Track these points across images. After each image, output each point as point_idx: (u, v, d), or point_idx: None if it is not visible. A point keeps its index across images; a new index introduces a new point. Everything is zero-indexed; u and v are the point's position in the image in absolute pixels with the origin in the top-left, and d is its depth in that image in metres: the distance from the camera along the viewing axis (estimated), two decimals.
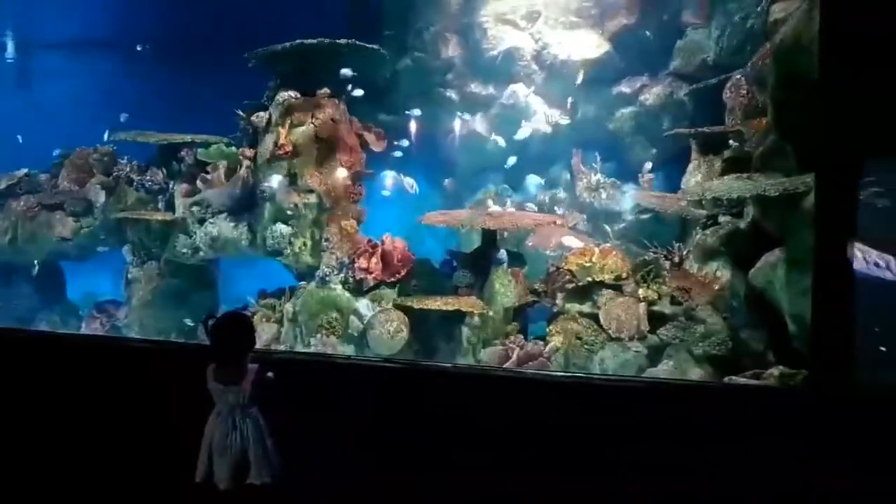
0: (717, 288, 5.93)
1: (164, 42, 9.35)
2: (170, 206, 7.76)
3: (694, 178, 7.09)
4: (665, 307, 5.98)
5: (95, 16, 9.64)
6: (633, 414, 4.09)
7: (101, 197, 8.09)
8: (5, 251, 8.33)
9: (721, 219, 6.46)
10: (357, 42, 7.39)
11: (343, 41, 7.20)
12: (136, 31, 9.61)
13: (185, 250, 7.48)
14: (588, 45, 8.53)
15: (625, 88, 8.62)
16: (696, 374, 5.56)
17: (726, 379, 5.17)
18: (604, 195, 8.32)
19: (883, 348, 3.69)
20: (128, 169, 8.14)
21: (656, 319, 5.94)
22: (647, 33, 8.40)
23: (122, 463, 4.48)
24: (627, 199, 8.21)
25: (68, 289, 8.99)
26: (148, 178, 8.01)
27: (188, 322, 7.28)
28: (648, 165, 8.17)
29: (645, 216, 8.05)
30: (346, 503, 4.12)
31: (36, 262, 8.07)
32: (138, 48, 9.39)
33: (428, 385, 4.69)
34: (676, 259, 6.26)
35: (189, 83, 8.74)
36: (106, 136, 8.35)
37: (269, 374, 3.57)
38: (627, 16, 8.47)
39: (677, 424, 3.93)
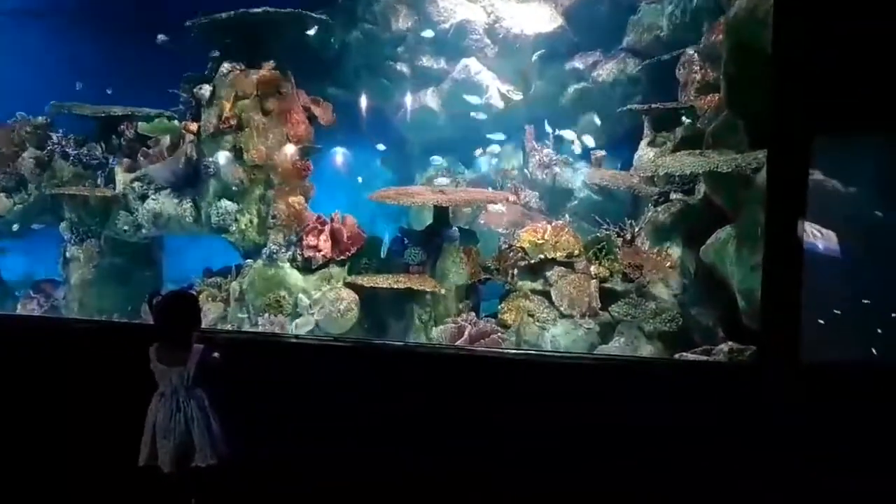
0: (668, 265, 6.00)
1: (100, 10, 8.86)
2: (109, 182, 7.41)
3: (646, 154, 7.14)
4: (617, 284, 6.02)
5: None
6: (584, 390, 4.13)
7: (34, 172, 7.67)
8: None
9: (673, 196, 6.54)
10: (303, 11, 7.13)
11: (289, 10, 6.93)
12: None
13: (126, 228, 7.16)
14: (541, 19, 8.44)
15: (578, 64, 8.59)
16: (647, 350, 5.63)
17: (677, 355, 5.27)
18: (556, 172, 8.32)
19: (822, 321, 3.76)
20: (63, 143, 7.73)
21: (608, 296, 5.99)
22: (601, 8, 8.34)
23: (63, 446, 4.32)
24: (579, 175, 8.24)
25: (1, 268, 8.56)
26: (85, 152, 7.62)
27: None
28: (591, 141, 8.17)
29: (597, 193, 8.11)
30: (294, 484, 4.05)
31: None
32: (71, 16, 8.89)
33: (379, 363, 4.64)
34: (628, 236, 6.31)
35: (129, 53, 8.30)
36: (24, 113, 7.91)
37: (215, 354, 3.47)
38: None
39: (628, 400, 3.97)
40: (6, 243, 8.11)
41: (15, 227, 7.70)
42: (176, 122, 7.15)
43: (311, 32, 7.50)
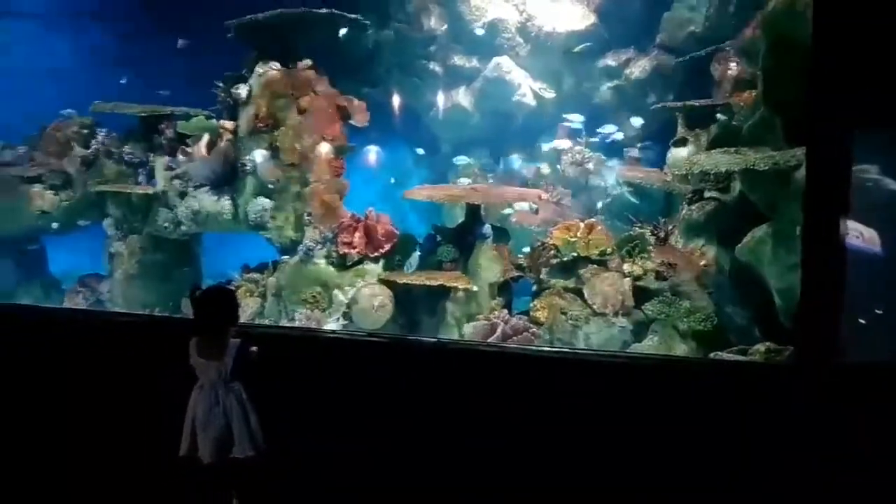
0: (703, 263, 5.94)
1: (144, 12, 9.10)
2: (151, 179, 7.60)
3: (680, 152, 7.07)
4: (650, 282, 5.98)
5: None
6: (617, 389, 4.11)
7: (80, 170, 7.92)
8: None
9: (707, 194, 6.46)
10: (338, 12, 7.22)
11: (324, 11, 7.03)
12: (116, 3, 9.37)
13: (166, 224, 7.35)
14: (573, 17, 8.44)
15: (610, 61, 8.55)
16: (681, 349, 5.59)
17: (712, 355, 5.21)
18: (589, 169, 8.29)
19: (863, 321, 3.70)
20: (107, 141, 7.96)
21: (641, 295, 5.95)
22: (634, 5, 8.29)
23: (106, 437, 4.45)
24: (612, 173, 8.19)
25: (50, 263, 8.86)
26: (128, 150, 7.84)
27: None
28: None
29: (630, 191, 8.05)
30: (328, 476, 4.12)
31: None
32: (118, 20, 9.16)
33: (412, 360, 4.68)
34: (662, 234, 6.26)
35: (169, 55, 8.51)
36: (73, 111, 8.15)
37: (253, 348, 3.54)
38: None
39: (662, 399, 3.94)
40: (52, 239, 8.40)
41: (55, 225, 7.96)
42: (214, 121, 7.31)
43: (344, 32, 7.57)
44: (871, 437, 3.33)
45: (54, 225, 7.95)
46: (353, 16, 7.45)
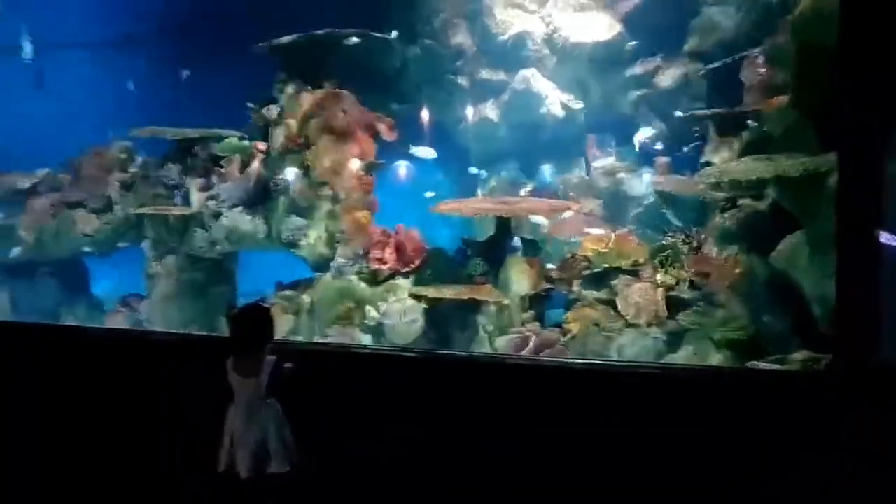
0: (737, 272, 5.85)
1: (175, 39, 9.39)
2: (186, 201, 7.81)
3: (712, 159, 7.01)
4: (684, 292, 5.91)
5: (108, 16, 9.72)
6: (652, 400, 4.07)
7: (120, 193, 8.18)
8: (31, 248, 8.48)
9: (740, 201, 6.38)
10: (365, 32, 7.36)
11: (351, 31, 7.18)
12: (147, 29, 9.67)
13: (202, 244, 7.54)
14: (600, 27, 8.43)
15: (638, 70, 8.50)
16: (716, 359, 5.50)
17: (748, 364, 5.13)
18: (618, 179, 8.24)
19: None
20: (145, 165, 8.22)
21: (675, 305, 5.87)
22: (660, 13, 8.24)
23: (147, 454, 4.56)
24: (643, 183, 8.13)
25: (92, 284, 9.14)
26: (164, 173, 8.07)
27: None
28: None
29: (662, 200, 7.97)
30: (363, 492, 4.15)
31: None
32: (150, 46, 9.48)
33: (444, 373, 4.71)
34: (695, 243, 6.20)
35: (201, 78, 8.77)
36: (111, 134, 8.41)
37: (288, 365, 3.61)
38: None
39: (698, 410, 3.90)
40: (95, 261, 8.67)
41: (87, 248, 8.22)
42: (246, 142, 7.50)
43: (355, 41, 7.69)
44: None
45: (87, 249, 8.21)
46: (379, 35, 7.58)
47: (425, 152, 8.29)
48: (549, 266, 6.49)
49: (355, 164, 6.96)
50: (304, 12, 7.63)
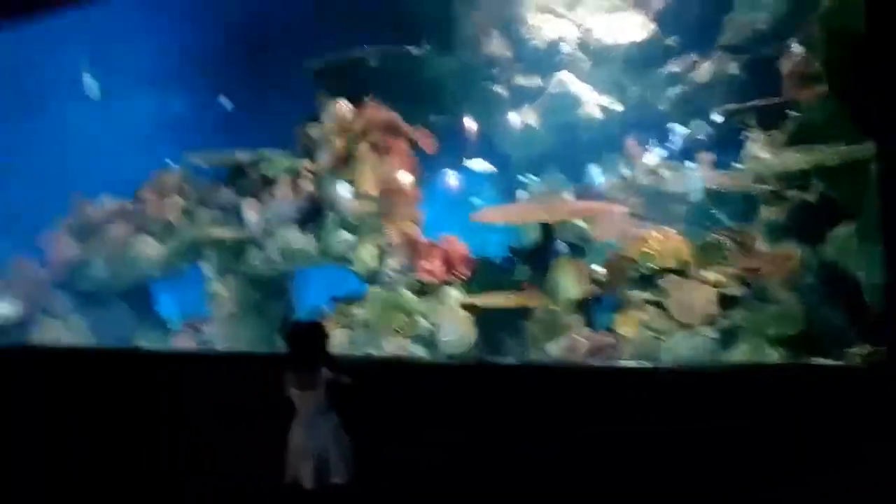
0: (788, 266, 5.78)
1: (227, 65, 9.77)
2: (241, 222, 8.12)
3: (756, 153, 6.93)
4: (734, 289, 5.86)
5: (168, 47, 10.18)
6: (708, 400, 4.08)
7: (180, 217, 8.58)
8: (102, 276, 8.97)
9: (787, 193, 6.30)
10: (398, 47, 7.56)
11: (385, 48, 7.39)
12: (203, 58, 10.08)
13: (258, 263, 7.84)
14: (633, 27, 8.42)
15: (674, 67, 8.44)
16: (772, 356, 5.44)
17: (805, 360, 5.08)
18: (661, 177, 8.19)
19: None
20: (200, 189, 8.59)
21: (726, 302, 5.83)
22: (694, 9, 8.19)
23: (215, 467, 4.80)
24: (687, 179, 8.06)
25: (159, 307, 9.58)
26: (219, 196, 8.42)
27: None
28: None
29: (707, 196, 7.90)
30: (421, 499, 4.28)
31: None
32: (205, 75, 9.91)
33: (497, 381, 4.81)
34: (742, 239, 6.15)
35: (251, 101, 9.11)
36: (171, 162, 8.81)
37: (344, 377, 3.76)
38: None
39: (756, 408, 3.90)
40: (160, 284, 9.10)
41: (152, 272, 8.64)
42: (294, 161, 7.77)
43: (402, 62, 7.90)
44: None
45: (156, 272, 8.63)
46: (413, 49, 7.76)
47: (480, 165, 8.39)
48: (596, 269, 6.52)
49: (399, 178, 7.13)
50: (340, 31, 7.89)
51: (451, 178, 9.41)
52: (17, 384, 6.13)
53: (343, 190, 7.14)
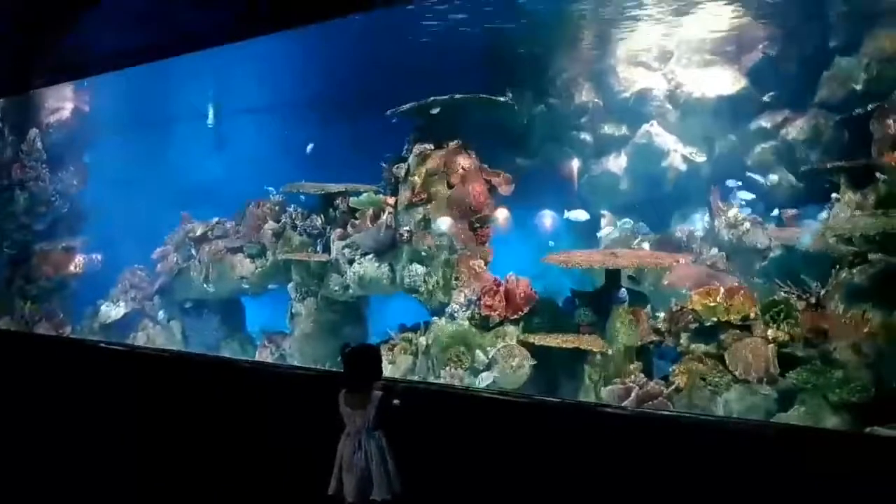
0: (864, 331, 5.56)
1: (323, 105, 10.59)
2: (326, 249, 8.70)
3: (842, 213, 6.72)
4: (798, 349, 5.72)
5: (273, 85, 11.20)
6: (759, 459, 4.01)
7: (271, 240, 9.30)
8: (199, 288, 9.85)
9: (871, 256, 6.07)
10: (486, 96, 7.93)
11: (472, 96, 7.78)
12: (302, 97, 10.99)
13: (337, 288, 8.34)
14: (724, 82, 8.39)
15: (764, 123, 8.32)
16: (831, 422, 5.24)
17: (868, 429, 4.87)
18: (743, 232, 8.05)
19: None
20: (294, 216, 9.27)
21: (788, 362, 5.69)
22: (789, 65, 8.08)
23: (273, 472, 5.14)
24: (767, 235, 7.88)
25: (246, 321, 10.34)
26: (309, 223, 9.06)
27: None
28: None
29: (789, 254, 7.68)
30: None
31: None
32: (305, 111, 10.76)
33: (546, 418, 4.90)
34: (816, 299, 5.97)
35: (344, 138, 9.81)
36: (273, 189, 9.58)
37: (395, 401, 3.96)
38: (767, 49, 8.22)
39: (810, 473, 3.81)
40: (249, 301, 9.84)
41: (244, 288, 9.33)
42: (380, 195, 8.27)
43: (490, 108, 8.24)
44: None
45: (249, 288, 9.36)
46: (500, 98, 8.11)
47: (578, 215, 8.72)
48: (657, 317, 6.52)
49: (473, 217, 7.44)
50: (435, 77, 8.39)
51: (547, 219, 9.65)
52: (116, 378, 6.82)
53: (447, 223, 7.47)
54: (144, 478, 5.51)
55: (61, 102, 11.42)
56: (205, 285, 9.68)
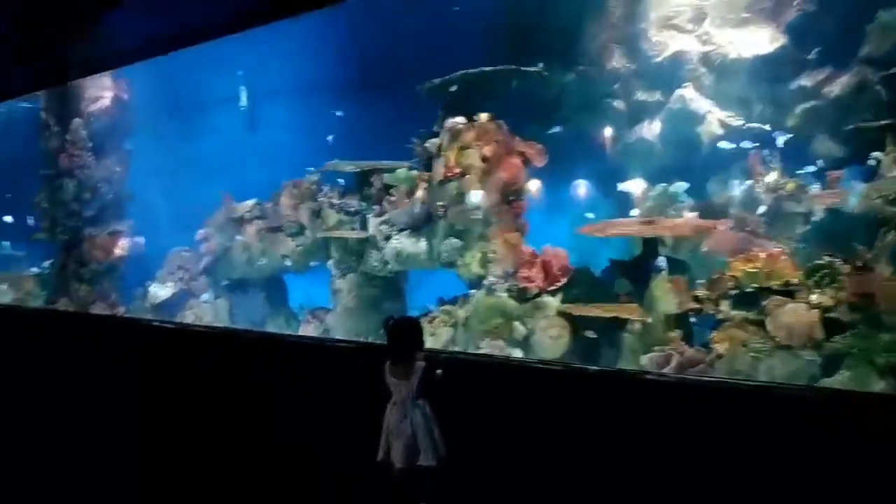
0: None
1: (355, 83, 10.64)
2: (363, 226, 8.83)
3: (889, 173, 6.55)
4: (843, 314, 5.63)
5: (305, 66, 11.27)
6: (803, 425, 4.01)
7: (310, 219, 9.48)
8: (243, 266, 10.12)
9: None
10: (515, 67, 7.88)
11: (501, 68, 7.74)
12: (335, 77, 11.05)
13: (376, 264, 8.49)
14: (761, 41, 8.15)
15: (805, 82, 8.06)
16: (878, 386, 5.19)
17: None
18: (784, 196, 7.89)
19: None
20: (330, 195, 9.42)
21: (833, 327, 5.62)
22: (829, 21, 7.80)
23: (325, 441, 5.32)
24: (809, 198, 7.72)
25: (290, 297, 10.60)
26: (346, 201, 9.20)
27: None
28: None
29: (829, 216, 7.52)
30: (500, 490, 4.52)
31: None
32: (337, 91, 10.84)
33: (585, 387, 4.96)
34: (861, 262, 5.87)
35: (377, 116, 9.87)
36: (313, 169, 9.71)
37: (438, 371, 4.08)
38: (806, 4, 7.96)
39: (856, 438, 3.79)
40: (291, 278, 10.04)
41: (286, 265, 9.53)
42: (414, 172, 8.34)
43: (520, 79, 8.19)
44: None
45: (289, 266, 9.58)
46: (531, 68, 8.05)
47: (632, 186, 8.66)
48: (697, 285, 6.48)
49: (506, 190, 7.45)
50: (462, 50, 8.37)
51: (581, 189, 9.61)
52: (166, 354, 7.11)
53: (479, 195, 7.51)
54: (198, 445, 5.74)
55: (101, 91, 11.71)
56: (247, 264, 9.93)
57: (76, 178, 11.31)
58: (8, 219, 14.00)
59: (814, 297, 5.76)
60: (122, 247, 11.50)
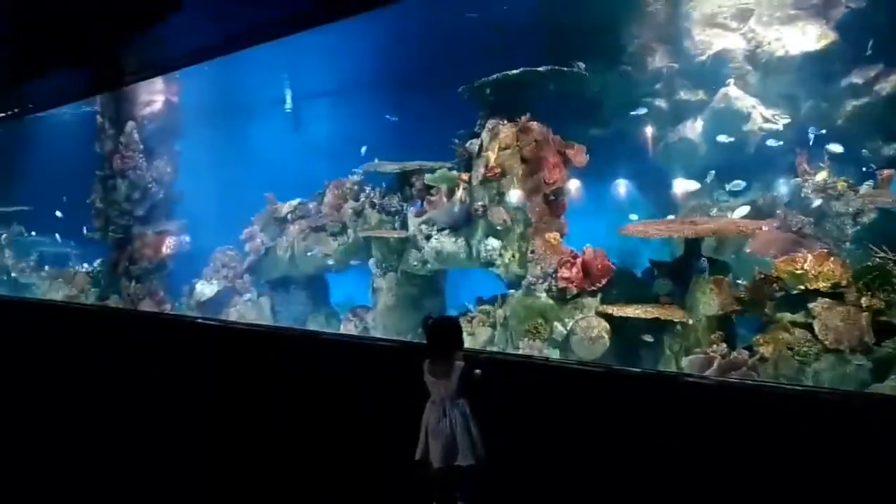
0: None
1: (398, 85, 10.76)
2: (404, 225, 8.93)
3: None
4: (895, 317, 5.48)
5: (346, 68, 11.46)
6: (851, 431, 3.92)
7: (352, 219, 9.62)
8: (286, 265, 10.34)
9: None
10: (556, 68, 7.86)
11: (542, 69, 7.73)
12: (378, 78, 11.20)
13: (416, 263, 8.57)
14: (809, 38, 7.97)
15: (856, 79, 7.87)
16: None
17: None
18: (833, 196, 7.69)
19: None
20: (372, 195, 9.55)
21: (885, 331, 5.48)
22: (880, 16, 7.59)
23: (364, 440, 5.39)
24: (860, 198, 7.50)
25: (331, 295, 10.78)
26: (387, 201, 9.31)
27: None
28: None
29: (883, 218, 7.30)
30: (538, 490, 4.53)
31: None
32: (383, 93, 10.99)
33: (624, 388, 4.92)
34: None
35: (419, 117, 9.96)
36: (359, 170, 9.87)
37: (477, 371, 4.11)
38: (856, 0, 7.76)
39: None
40: (333, 276, 10.21)
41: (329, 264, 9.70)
42: (454, 172, 8.38)
43: (561, 80, 8.19)
44: None
45: (332, 265, 9.74)
46: (572, 69, 8.02)
47: (689, 185, 8.61)
48: (739, 286, 6.36)
49: (547, 190, 7.44)
50: (505, 52, 8.38)
51: (622, 188, 9.54)
52: (211, 351, 7.29)
53: (517, 195, 7.53)
54: (239, 442, 5.88)
55: (153, 95, 12.10)
56: (290, 263, 10.14)
57: (128, 179, 11.71)
58: (63, 216, 14.60)
59: (864, 300, 5.61)
60: (169, 245, 11.86)
